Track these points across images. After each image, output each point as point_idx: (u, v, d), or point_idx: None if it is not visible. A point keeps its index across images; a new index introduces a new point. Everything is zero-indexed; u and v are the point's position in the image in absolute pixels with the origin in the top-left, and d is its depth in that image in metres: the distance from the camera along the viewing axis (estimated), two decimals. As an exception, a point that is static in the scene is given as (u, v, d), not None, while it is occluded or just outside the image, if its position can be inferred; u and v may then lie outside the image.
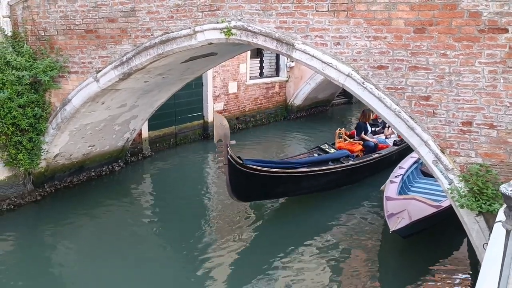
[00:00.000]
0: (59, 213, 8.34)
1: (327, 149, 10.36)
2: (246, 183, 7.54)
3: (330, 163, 9.44)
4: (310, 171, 8.75)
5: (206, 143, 13.91)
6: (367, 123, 11.30)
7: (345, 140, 11.08)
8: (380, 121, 12.10)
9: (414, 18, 5.34)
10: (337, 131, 11.15)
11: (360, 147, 10.83)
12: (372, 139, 11.12)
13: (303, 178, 8.69)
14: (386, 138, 11.59)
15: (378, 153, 10.60)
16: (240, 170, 7.34)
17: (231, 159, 7.13)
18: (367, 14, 5.61)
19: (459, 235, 7.01)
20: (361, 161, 9.99)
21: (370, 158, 10.25)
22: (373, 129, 11.72)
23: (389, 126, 11.24)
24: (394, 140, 11.30)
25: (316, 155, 10.05)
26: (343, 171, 9.42)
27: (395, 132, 10.78)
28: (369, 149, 10.90)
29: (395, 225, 6.68)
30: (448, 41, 5.21)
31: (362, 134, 11.08)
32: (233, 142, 7.22)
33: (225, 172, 7.19)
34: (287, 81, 17.79)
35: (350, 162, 9.69)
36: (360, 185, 9.92)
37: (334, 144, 10.95)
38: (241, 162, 7.34)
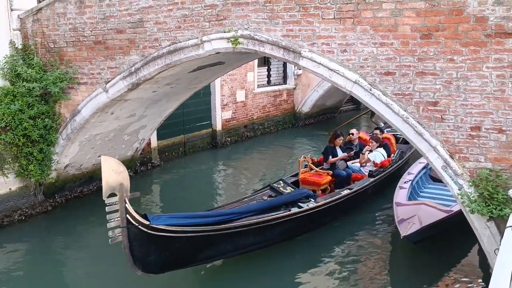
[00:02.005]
0: (70, 223, 8.40)
1: (281, 189, 8.21)
2: (156, 251, 5.61)
3: (283, 208, 7.34)
4: (253, 224, 6.62)
5: (214, 152, 13.98)
6: (336, 147, 9.36)
7: (311, 169, 9.09)
8: (355, 144, 10.35)
9: (421, 24, 5.35)
10: (301, 159, 9.18)
11: (329, 178, 8.89)
12: (340, 156, 9.23)
13: (243, 234, 6.56)
14: (362, 166, 9.61)
15: (349, 189, 8.45)
16: (147, 234, 5.41)
17: (132, 219, 5.26)
18: (373, 21, 5.62)
19: (470, 240, 6.94)
20: (325, 202, 7.81)
21: (339, 197, 8.12)
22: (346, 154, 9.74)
23: (364, 153, 9.71)
24: (370, 171, 9.26)
25: (267, 197, 7.87)
26: (302, 218, 7.39)
27: (372, 160, 9.50)
28: (340, 179, 9.01)
29: (406, 230, 6.66)
30: (455, 46, 5.20)
31: (330, 159, 9.17)
32: (137, 194, 5.41)
33: (123, 238, 5.26)
34: (294, 88, 17.83)
35: (311, 205, 7.54)
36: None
37: (297, 174, 9.08)
38: (147, 222, 5.40)
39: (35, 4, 8.82)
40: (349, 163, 9.53)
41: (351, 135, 10.52)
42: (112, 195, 5.17)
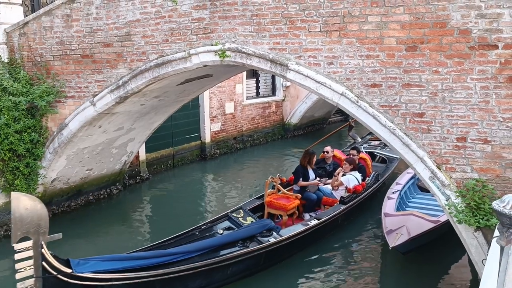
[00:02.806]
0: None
1: (240, 220, 7.35)
2: None
3: (239, 243, 6.50)
4: (201, 266, 5.78)
5: (204, 164, 13.94)
6: (308, 168, 8.74)
7: (279, 190, 8.33)
8: (329, 162, 9.67)
9: (406, 36, 5.42)
10: (268, 180, 8.31)
11: (297, 202, 8.18)
12: (310, 182, 8.62)
13: (189, 277, 5.73)
14: (333, 189, 8.78)
15: (317, 219, 7.66)
16: (68, 284, 4.65)
17: (49, 267, 4.52)
18: (359, 34, 5.69)
19: (459, 250, 6.97)
20: (289, 236, 6.97)
21: (305, 228, 7.29)
22: (319, 172, 9.30)
23: (336, 175, 8.84)
24: (341, 197, 8.40)
25: (222, 230, 7.00)
26: (261, 255, 6.55)
27: (345, 183, 8.66)
28: (310, 203, 8.43)
29: (394, 241, 6.67)
30: (440, 58, 5.27)
31: (301, 181, 8.59)
32: (58, 236, 4.66)
33: None
34: (283, 100, 17.90)
35: (272, 240, 6.70)
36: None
37: (262, 196, 8.38)
38: (69, 270, 4.68)
39: (22, 18, 8.79)
40: (323, 185, 8.93)
41: (325, 153, 9.82)
42: (23, 239, 4.35)
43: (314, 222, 7.56)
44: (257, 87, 17.08)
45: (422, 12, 5.29)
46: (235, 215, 7.52)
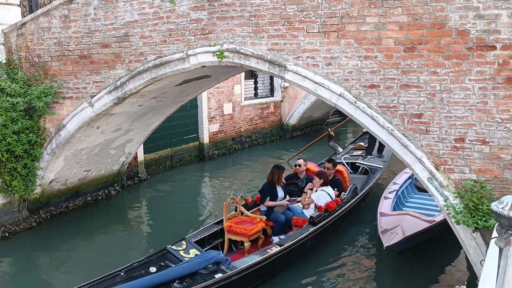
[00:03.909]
0: (55, 240, 8.28)
1: (181, 253, 6.25)
2: None
3: (176, 283, 5.48)
4: None
5: (202, 165, 13.93)
6: (277, 185, 7.71)
7: (242, 213, 7.37)
8: (301, 177, 8.60)
9: (404, 37, 5.42)
10: (228, 202, 7.27)
11: (262, 225, 7.20)
12: (278, 202, 7.65)
13: None
14: (304, 208, 7.81)
15: (279, 245, 6.62)
16: None
17: None
18: (357, 34, 5.69)
19: (455, 250, 6.98)
20: (242, 269, 5.90)
21: (263, 258, 6.21)
22: (291, 188, 8.35)
23: (306, 191, 7.97)
24: (310, 217, 7.36)
25: (155, 269, 5.89)
26: None
27: (315, 201, 7.71)
28: (278, 225, 7.42)
29: (388, 240, 6.67)
30: (438, 59, 5.27)
31: (268, 201, 7.60)
32: None
33: None
34: (281, 101, 17.90)
35: (218, 276, 5.68)
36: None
37: (222, 221, 7.33)
38: None
39: (19, 19, 8.78)
40: (294, 203, 8.00)
41: (297, 167, 8.71)
42: None
43: (275, 249, 6.47)
44: (256, 88, 17.08)
45: (420, 13, 5.29)
46: (175, 248, 6.33)
